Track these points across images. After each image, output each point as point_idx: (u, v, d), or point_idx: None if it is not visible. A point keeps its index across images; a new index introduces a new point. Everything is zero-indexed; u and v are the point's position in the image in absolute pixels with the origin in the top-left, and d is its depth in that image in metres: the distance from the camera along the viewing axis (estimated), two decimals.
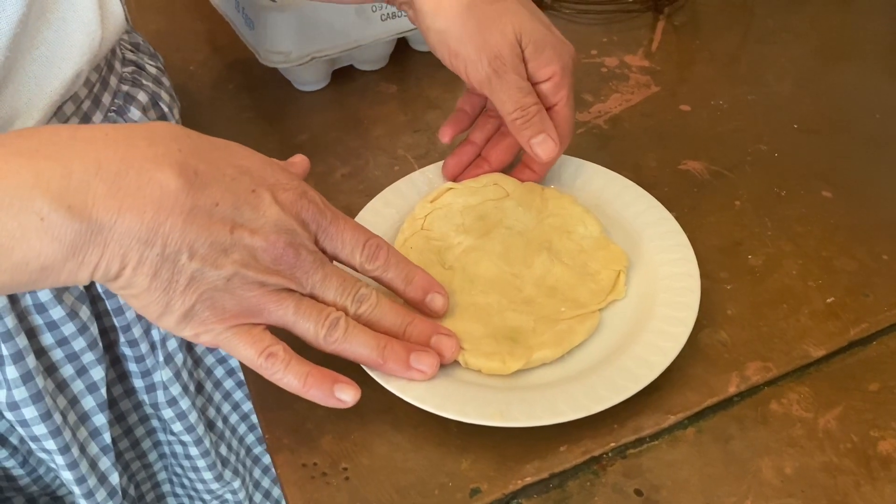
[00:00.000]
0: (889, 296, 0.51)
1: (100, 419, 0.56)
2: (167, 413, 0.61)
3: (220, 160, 0.39)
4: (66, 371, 0.53)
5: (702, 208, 0.58)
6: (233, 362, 0.66)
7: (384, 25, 0.70)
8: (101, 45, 0.48)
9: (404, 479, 0.43)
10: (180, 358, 0.60)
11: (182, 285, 0.37)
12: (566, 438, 0.44)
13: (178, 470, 0.68)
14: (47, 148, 0.35)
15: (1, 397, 0.50)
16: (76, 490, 0.56)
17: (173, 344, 0.59)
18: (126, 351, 0.58)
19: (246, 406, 0.69)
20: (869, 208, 0.58)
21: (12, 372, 0.49)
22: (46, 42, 0.45)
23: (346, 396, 0.41)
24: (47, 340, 0.51)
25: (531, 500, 0.42)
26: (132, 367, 0.59)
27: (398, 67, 0.75)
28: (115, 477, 0.58)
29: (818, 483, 0.42)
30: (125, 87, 0.55)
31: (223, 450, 0.68)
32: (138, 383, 0.60)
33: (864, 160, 0.62)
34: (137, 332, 0.57)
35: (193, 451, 0.64)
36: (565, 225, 0.53)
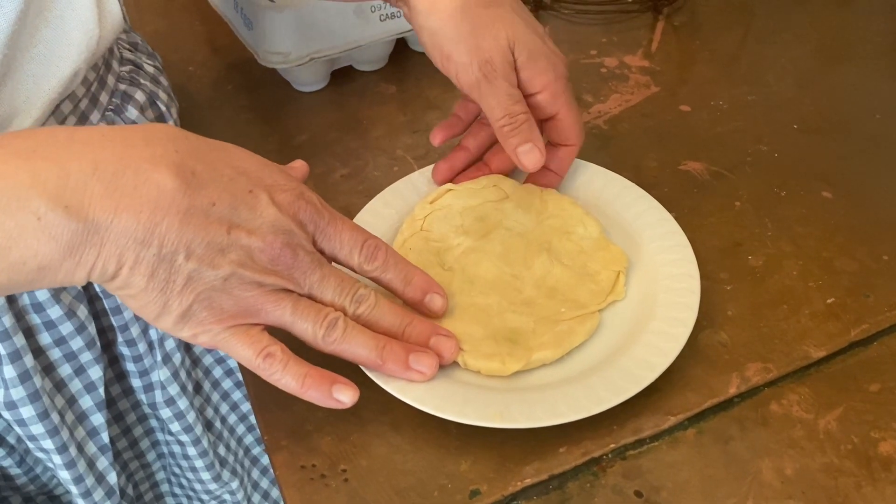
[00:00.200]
0: (889, 296, 0.51)
1: (98, 418, 0.56)
2: (165, 413, 0.61)
3: (218, 161, 0.39)
4: (64, 370, 0.53)
5: (702, 209, 0.58)
6: (231, 362, 0.66)
7: (383, 26, 0.70)
8: (99, 44, 0.48)
9: (403, 481, 0.43)
10: (178, 357, 0.60)
11: (179, 285, 0.37)
12: (566, 440, 0.44)
13: (177, 470, 0.68)
14: (45, 149, 0.35)
15: None
16: (74, 489, 0.56)
17: (171, 343, 0.59)
18: (124, 350, 0.58)
19: (244, 406, 0.69)
20: (869, 209, 0.58)
21: (10, 371, 0.49)
22: (44, 41, 0.45)
23: (345, 397, 0.41)
24: (45, 339, 0.51)
25: (531, 502, 0.42)
26: (130, 367, 0.59)
27: (397, 68, 0.75)
28: (113, 476, 0.58)
29: (819, 484, 0.42)
30: (123, 87, 0.55)
31: (221, 450, 0.68)
32: (136, 383, 0.60)
33: (864, 160, 0.62)
34: (135, 332, 0.57)
35: (191, 451, 0.64)
36: (565, 226, 0.53)
